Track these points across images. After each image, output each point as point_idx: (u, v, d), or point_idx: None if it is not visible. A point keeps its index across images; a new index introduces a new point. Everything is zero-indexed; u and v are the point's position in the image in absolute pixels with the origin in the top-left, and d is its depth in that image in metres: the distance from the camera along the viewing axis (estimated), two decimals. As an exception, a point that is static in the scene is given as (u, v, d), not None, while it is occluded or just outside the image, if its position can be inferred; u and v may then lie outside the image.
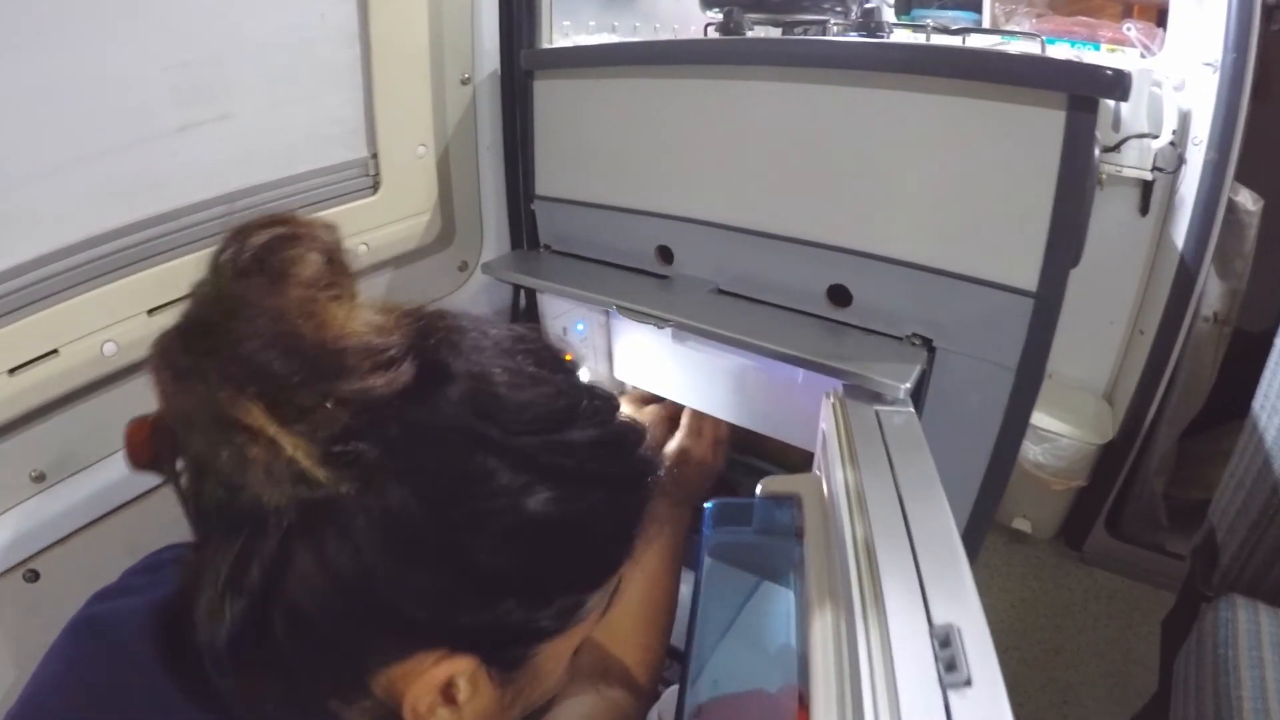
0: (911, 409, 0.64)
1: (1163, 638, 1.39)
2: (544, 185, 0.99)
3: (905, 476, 0.55)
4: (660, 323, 0.80)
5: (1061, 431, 1.90)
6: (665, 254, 0.88)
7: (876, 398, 0.66)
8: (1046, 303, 0.64)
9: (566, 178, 0.96)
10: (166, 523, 0.43)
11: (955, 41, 1.86)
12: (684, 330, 0.80)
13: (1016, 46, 1.97)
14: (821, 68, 0.71)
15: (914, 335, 0.72)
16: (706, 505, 0.69)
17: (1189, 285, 1.72)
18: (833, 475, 0.58)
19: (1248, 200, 1.84)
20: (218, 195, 0.71)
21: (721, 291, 0.84)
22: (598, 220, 0.94)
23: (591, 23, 1.17)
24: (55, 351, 0.63)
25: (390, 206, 0.88)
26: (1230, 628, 1.04)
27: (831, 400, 0.66)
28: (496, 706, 0.47)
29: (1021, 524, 2.09)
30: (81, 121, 0.61)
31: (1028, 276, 0.64)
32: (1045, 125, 0.60)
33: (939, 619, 0.41)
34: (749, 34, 1.05)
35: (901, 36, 1.79)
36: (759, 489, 0.66)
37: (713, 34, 1.14)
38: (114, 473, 0.70)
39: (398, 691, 0.43)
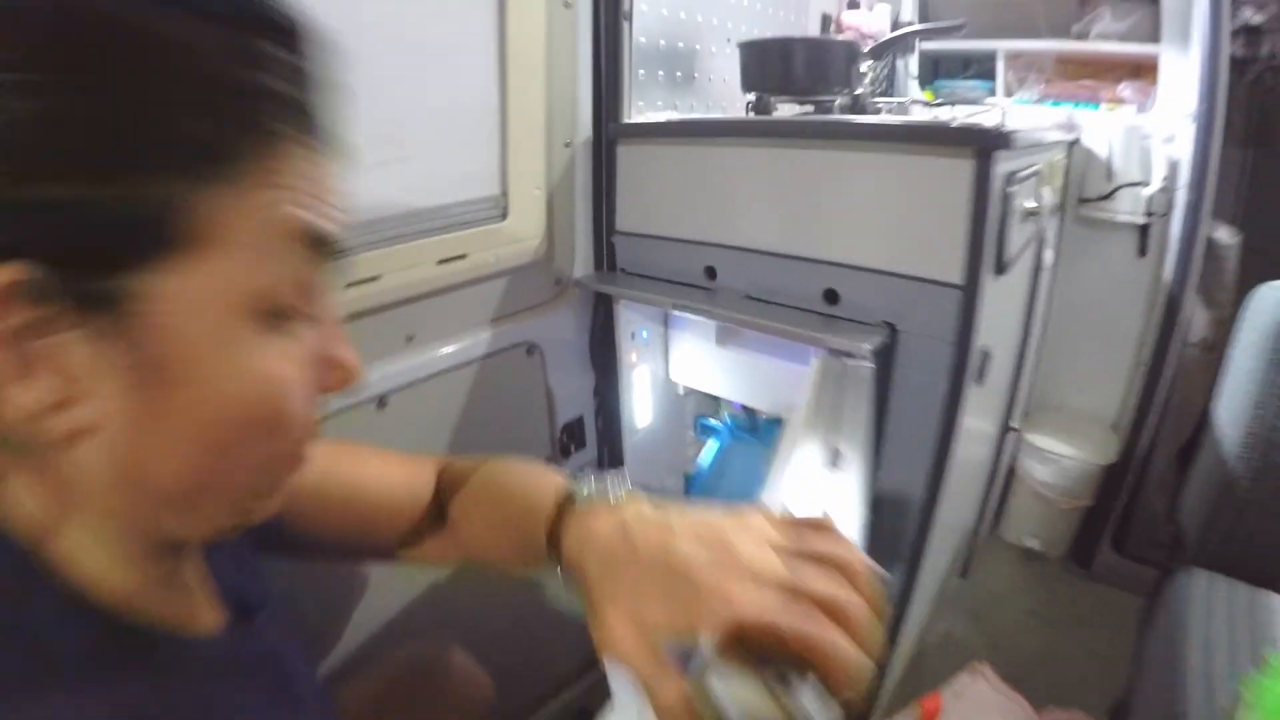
0: (872, 364, 0.97)
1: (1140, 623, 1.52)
2: (622, 223, 1.32)
3: (850, 400, 0.89)
4: (707, 314, 1.15)
5: (1066, 453, 2.07)
6: (710, 272, 1.21)
7: (849, 358, 0.99)
8: (969, 292, 0.95)
9: (639, 217, 1.28)
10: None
11: (972, 108, 2.15)
12: (722, 320, 1.14)
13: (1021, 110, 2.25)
14: (815, 138, 1.05)
15: (883, 322, 1.03)
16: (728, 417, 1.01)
17: (1175, 314, 1.95)
18: (807, 398, 0.93)
19: (1225, 235, 2.10)
20: (401, 213, 1.05)
21: (750, 298, 1.17)
22: (661, 248, 1.26)
23: (659, 103, 1.47)
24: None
25: (513, 230, 1.18)
26: (1185, 593, 1.18)
27: (819, 358, 1.00)
28: (118, 382, 0.35)
29: (1032, 543, 2.23)
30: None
31: (955, 275, 0.96)
32: (960, 170, 0.93)
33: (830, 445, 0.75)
34: (775, 111, 1.38)
35: (917, 109, 2.10)
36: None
37: (750, 112, 1.45)
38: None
39: None
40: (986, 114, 2.15)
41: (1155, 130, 2.01)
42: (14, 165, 0.31)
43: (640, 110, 1.41)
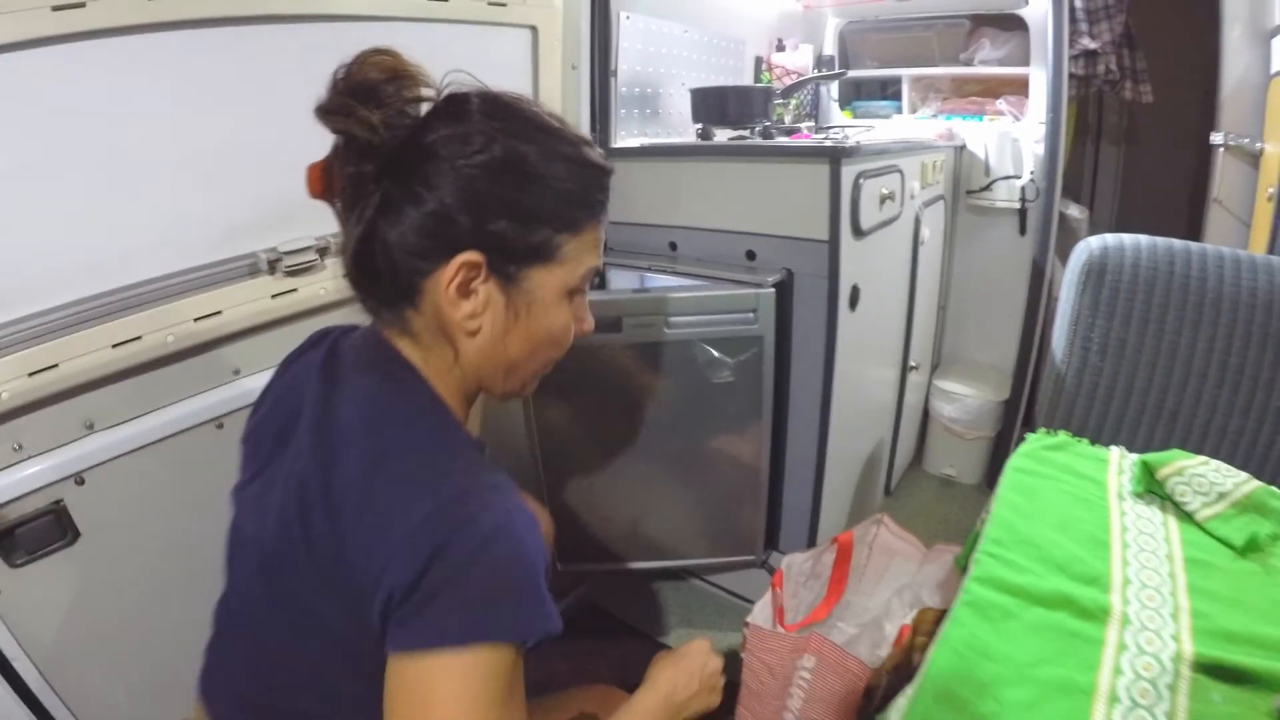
0: (773, 292, 1.55)
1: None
2: (612, 215, 1.91)
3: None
4: (672, 272, 1.73)
5: (966, 393, 2.60)
6: (673, 245, 1.79)
7: (759, 287, 1.58)
8: (833, 245, 1.53)
9: (623, 210, 1.83)
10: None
11: (871, 123, 2.70)
12: (682, 277, 1.71)
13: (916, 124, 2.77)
14: (740, 155, 1.66)
15: (783, 268, 1.61)
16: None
17: (1041, 275, 2.48)
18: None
19: (1076, 211, 2.65)
20: None
21: (700, 260, 1.73)
22: (639, 231, 1.84)
23: (635, 132, 2.01)
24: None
25: None
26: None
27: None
28: (502, 312, 0.79)
29: (949, 471, 2.76)
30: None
31: (823, 234, 1.54)
32: (820, 172, 1.51)
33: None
34: (715, 137, 1.94)
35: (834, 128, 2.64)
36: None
37: (697, 137, 1.99)
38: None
39: (435, 297, 0.76)
40: (888, 127, 2.73)
41: (1025, 134, 2.54)
42: (508, 213, 0.76)
43: (622, 138, 1.98)
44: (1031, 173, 2.52)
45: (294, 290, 1.32)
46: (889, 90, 3.02)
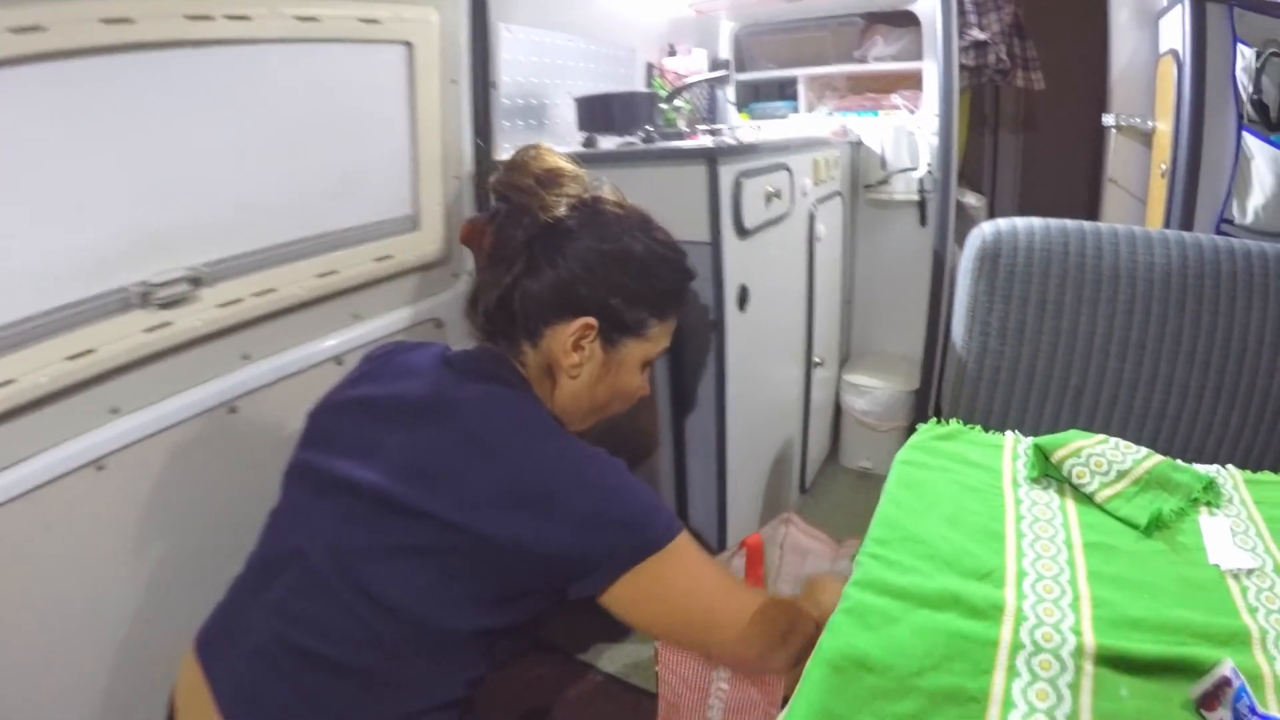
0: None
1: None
2: (502, 229, 1.95)
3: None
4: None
5: (876, 385, 2.66)
6: None
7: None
8: (715, 246, 1.58)
9: None
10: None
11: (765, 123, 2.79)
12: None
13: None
14: (624, 161, 1.70)
15: None
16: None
17: (941, 264, 2.55)
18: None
19: (973, 199, 2.75)
20: (358, 225, 1.60)
21: None
22: None
23: (521, 144, 1.83)
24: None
25: (423, 238, 1.73)
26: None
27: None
28: (598, 367, 1.07)
29: (866, 464, 2.80)
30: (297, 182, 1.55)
31: (705, 235, 1.58)
32: (699, 172, 1.56)
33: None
34: (600, 144, 1.96)
35: (730, 129, 2.69)
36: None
37: (583, 145, 1.98)
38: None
39: (552, 342, 1.04)
40: (782, 126, 2.81)
41: (921, 128, 2.64)
42: (621, 293, 1.06)
43: (507, 150, 1.93)
44: (929, 164, 2.61)
45: (168, 324, 1.32)
46: (787, 91, 3.09)
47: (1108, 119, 2.56)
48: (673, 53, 2.71)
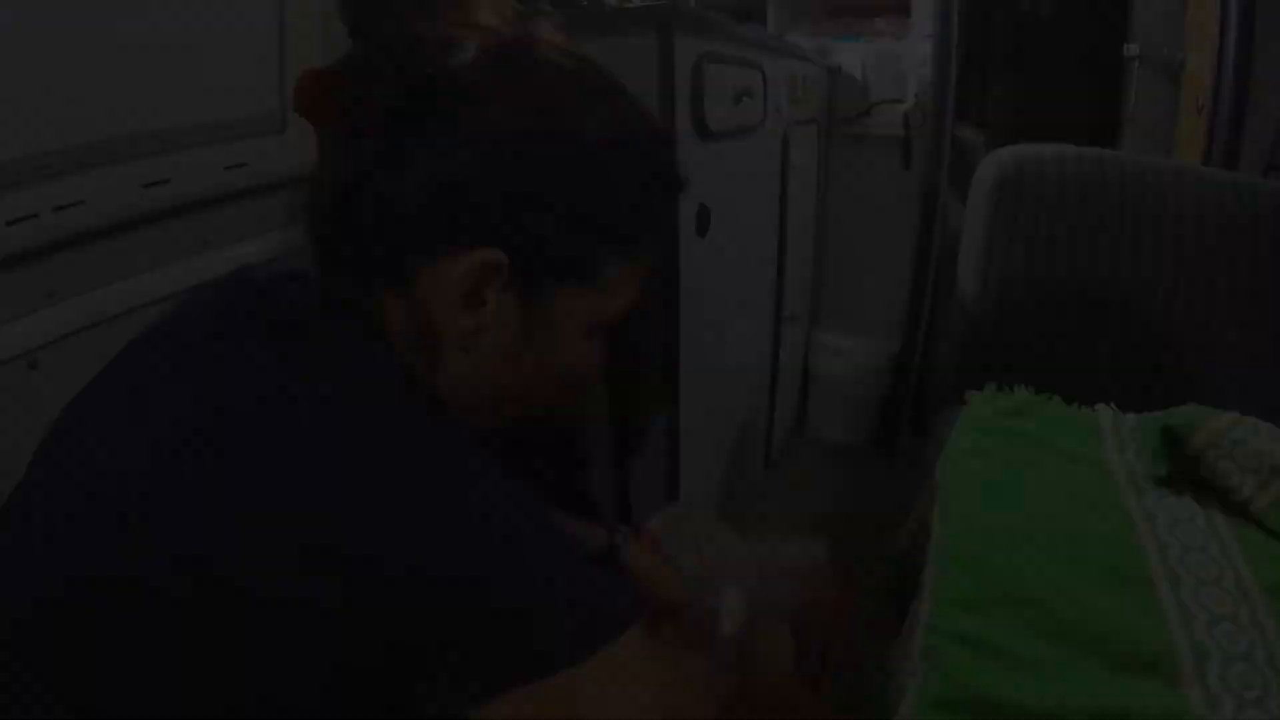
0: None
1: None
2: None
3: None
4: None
5: (851, 345, 2.45)
6: None
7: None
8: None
9: None
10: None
11: None
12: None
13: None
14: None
15: None
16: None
17: (933, 206, 2.31)
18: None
19: (970, 133, 2.48)
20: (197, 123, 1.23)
21: None
22: None
23: None
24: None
25: (291, 143, 1.35)
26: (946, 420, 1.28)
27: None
28: (514, 333, 0.60)
29: (837, 437, 2.58)
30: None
31: None
32: (649, 45, 1.20)
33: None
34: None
35: None
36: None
37: None
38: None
39: (430, 290, 0.57)
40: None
41: (908, 55, 2.38)
42: (552, 205, 0.58)
43: None
44: (916, 95, 2.37)
45: None
46: (753, 16, 2.75)
47: (1130, 49, 2.29)
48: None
